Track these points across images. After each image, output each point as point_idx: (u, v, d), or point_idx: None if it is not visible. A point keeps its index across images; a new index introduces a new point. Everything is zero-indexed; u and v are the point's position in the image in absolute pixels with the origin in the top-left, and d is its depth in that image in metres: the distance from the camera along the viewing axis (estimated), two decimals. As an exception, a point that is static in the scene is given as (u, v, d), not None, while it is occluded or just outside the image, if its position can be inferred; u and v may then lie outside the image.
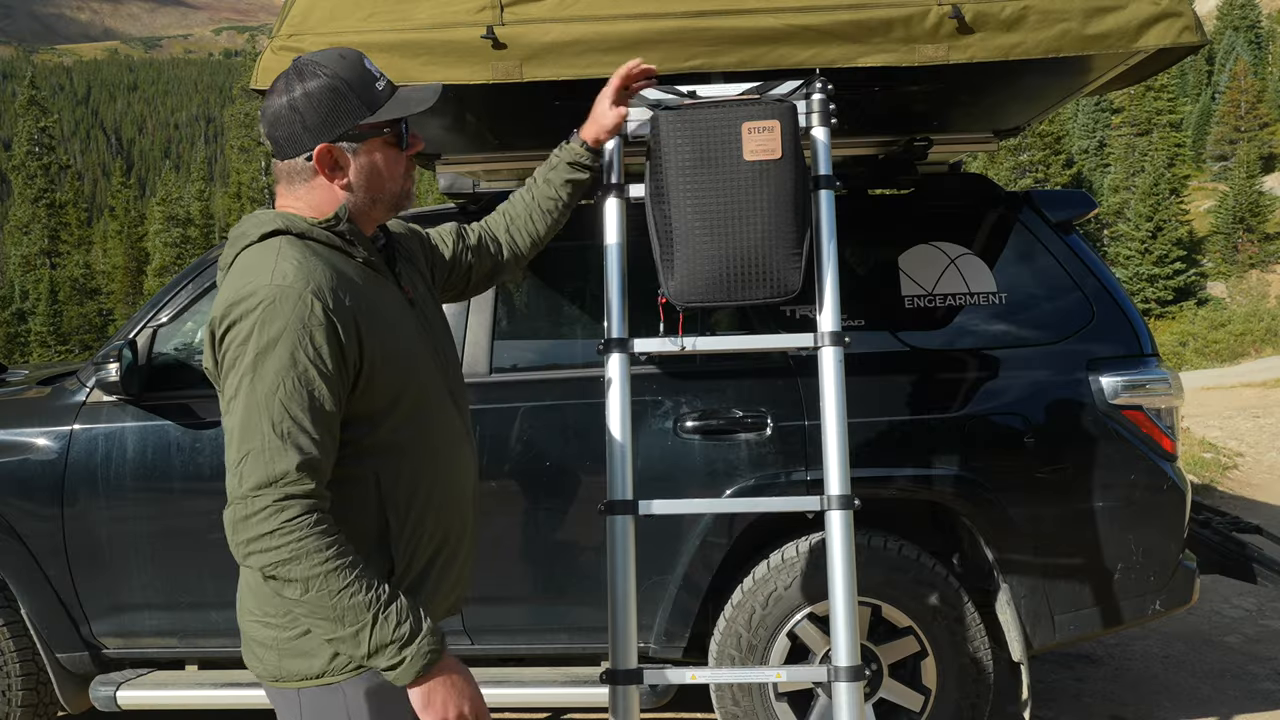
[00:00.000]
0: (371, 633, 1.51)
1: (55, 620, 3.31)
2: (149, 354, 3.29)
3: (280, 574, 1.50)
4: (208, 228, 46.48)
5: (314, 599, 1.50)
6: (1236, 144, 49.50)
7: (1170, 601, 3.15)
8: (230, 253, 1.67)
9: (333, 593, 1.49)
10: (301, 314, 1.52)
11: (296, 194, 1.71)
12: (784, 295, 2.23)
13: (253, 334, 1.52)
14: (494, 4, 2.32)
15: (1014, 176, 39.52)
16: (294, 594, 1.51)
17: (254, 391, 1.52)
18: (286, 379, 1.51)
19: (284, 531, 1.49)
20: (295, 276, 1.55)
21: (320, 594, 1.49)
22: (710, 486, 3.07)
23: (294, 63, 1.68)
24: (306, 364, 1.52)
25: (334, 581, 1.49)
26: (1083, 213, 3.40)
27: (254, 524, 1.50)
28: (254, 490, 1.50)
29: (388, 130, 1.70)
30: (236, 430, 1.54)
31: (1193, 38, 2.35)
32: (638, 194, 2.35)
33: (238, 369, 1.53)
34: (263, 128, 1.71)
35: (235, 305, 1.55)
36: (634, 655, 2.26)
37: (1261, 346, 26.66)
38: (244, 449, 1.52)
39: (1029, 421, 3.10)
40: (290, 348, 1.51)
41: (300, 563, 1.48)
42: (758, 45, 2.32)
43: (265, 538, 1.49)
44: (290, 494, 1.50)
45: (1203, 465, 8.44)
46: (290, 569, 1.49)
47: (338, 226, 1.67)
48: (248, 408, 1.52)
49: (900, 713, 3.11)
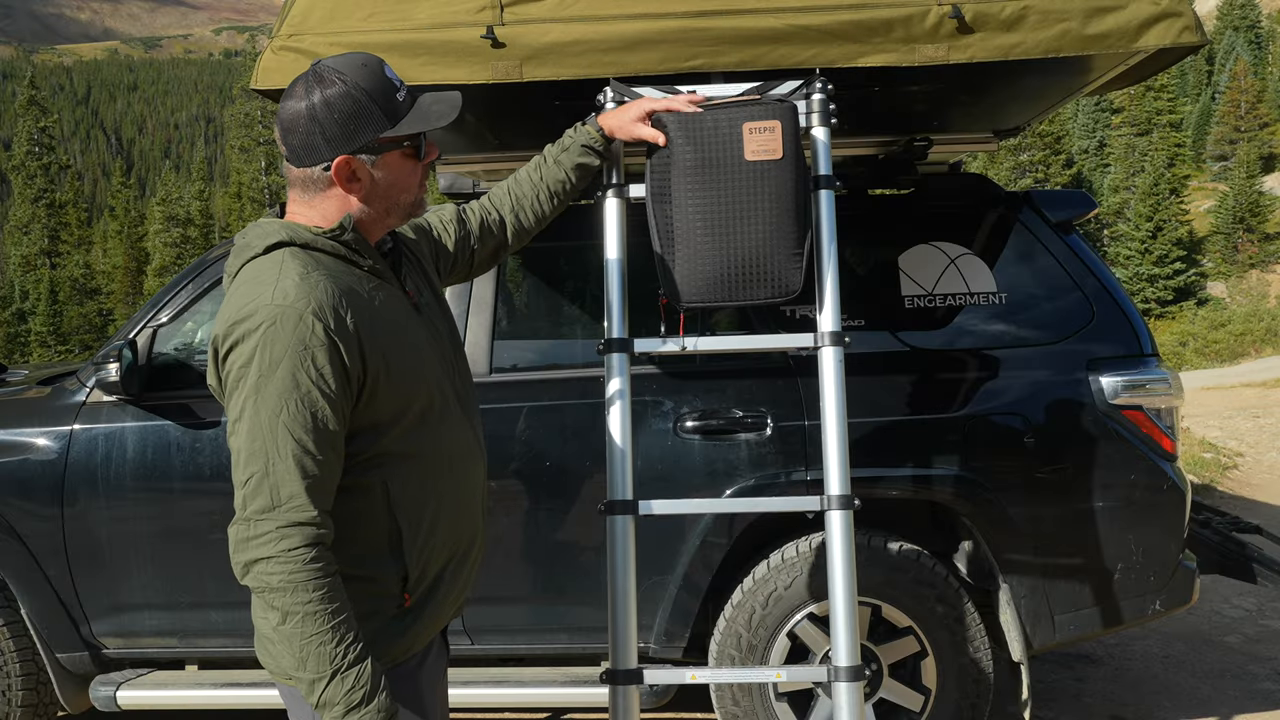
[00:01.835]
0: (326, 686, 1.51)
1: (55, 620, 3.31)
2: (149, 354, 3.29)
3: (266, 598, 1.52)
4: (208, 228, 46.47)
5: (287, 632, 1.51)
6: (1236, 144, 49.48)
7: (1170, 601, 3.15)
8: (235, 263, 1.66)
9: (305, 635, 1.50)
10: (303, 335, 1.52)
11: (310, 202, 1.69)
12: (785, 295, 2.23)
13: (255, 356, 1.52)
14: (494, 4, 2.31)
15: (1014, 176, 39.52)
16: (273, 620, 1.53)
17: (258, 414, 1.52)
18: (289, 402, 1.51)
19: (281, 560, 1.50)
20: (296, 295, 1.53)
21: (294, 631, 1.51)
22: (710, 486, 3.07)
23: (313, 67, 1.66)
24: (309, 385, 1.52)
25: (309, 625, 1.50)
26: (1083, 213, 3.40)
27: (254, 547, 1.51)
28: (258, 514, 1.51)
29: (407, 143, 1.69)
30: (242, 453, 1.54)
31: (1193, 38, 2.35)
32: (638, 194, 2.35)
33: (241, 390, 1.54)
34: (277, 131, 1.69)
35: (237, 325, 1.55)
36: (634, 655, 2.26)
37: (1261, 346, 26.67)
38: (248, 472, 1.53)
39: (1029, 421, 3.10)
40: (292, 370, 1.51)
41: (286, 595, 1.50)
42: (758, 45, 2.32)
43: (263, 562, 1.51)
44: (294, 521, 1.51)
45: (1203, 465, 8.44)
46: (276, 598, 1.51)
47: (342, 236, 1.65)
48: (251, 431, 1.52)
49: (900, 713, 3.12)
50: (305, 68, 2.04)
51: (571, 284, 3.51)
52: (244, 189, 46.10)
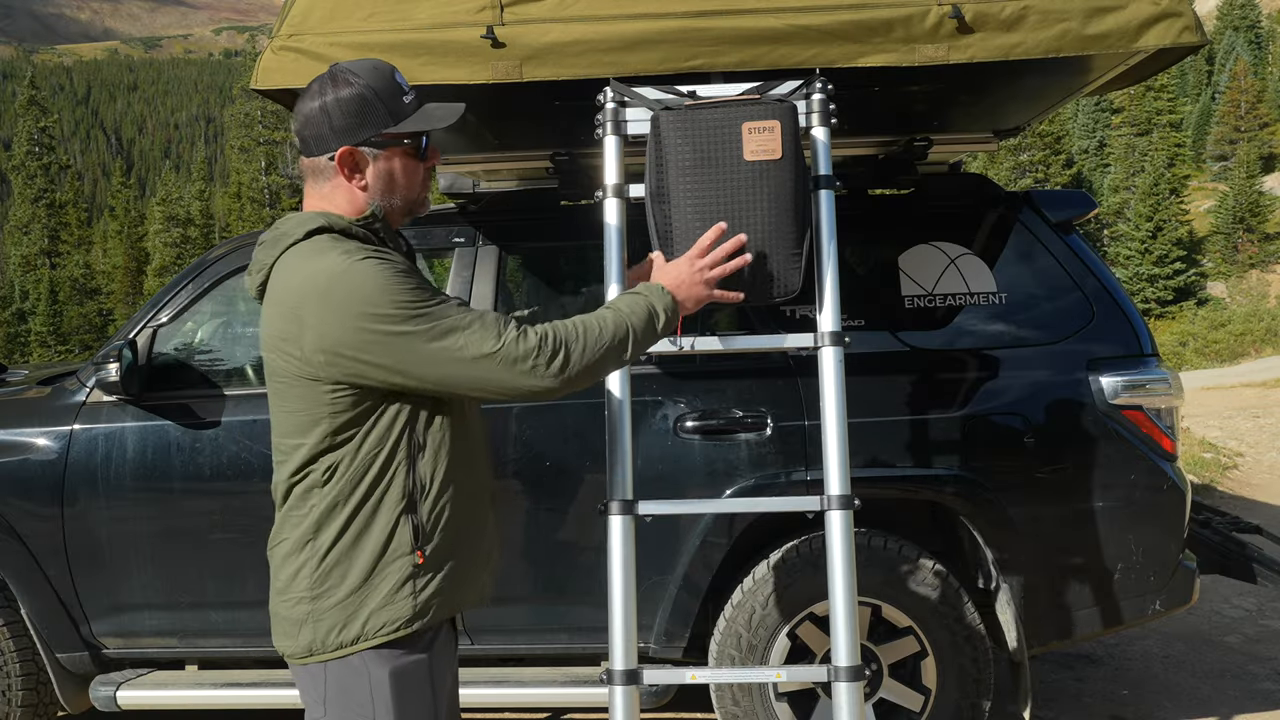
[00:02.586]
0: (637, 327, 1.83)
1: (55, 620, 3.31)
2: (149, 354, 3.29)
3: (574, 366, 1.73)
4: (208, 228, 46.46)
5: (597, 352, 1.76)
6: (1236, 144, 49.48)
7: (1170, 601, 3.15)
8: (272, 252, 1.76)
9: (598, 338, 1.77)
10: (380, 268, 1.67)
11: (322, 192, 1.81)
12: (785, 295, 2.23)
13: (371, 291, 1.64)
14: (494, 4, 2.31)
15: (1014, 176, 39.51)
16: (588, 362, 1.76)
17: (416, 316, 1.66)
18: (422, 293, 1.67)
19: (542, 340, 1.71)
20: (355, 258, 1.67)
21: (596, 347, 1.77)
22: (710, 486, 3.07)
23: (330, 69, 1.80)
24: (411, 290, 1.67)
25: (591, 337, 1.77)
26: (1083, 213, 3.40)
27: (532, 360, 1.70)
28: (505, 341, 1.69)
29: (408, 141, 1.80)
30: (441, 347, 1.66)
31: (1193, 38, 2.35)
32: (638, 194, 2.35)
33: (382, 322, 1.64)
34: (294, 126, 1.82)
35: (314, 279, 1.66)
36: (634, 655, 2.26)
37: (1261, 346, 26.67)
38: (464, 336, 1.67)
39: (1029, 421, 3.10)
40: (404, 282, 1.66)
41: (573, 348, 1.73)
42: (758, 45, 2.32)
43: (542, 357, 1.70)
44: (520, 327, 1.72)
45: (1203, 465, 8.45)
46: (575, 358, 1.73)
47: (374, 224, 1.78)
48: (429, 329, 1.66)
49: (900, 713, 3.11)
50: (305, 67, 2.20)
51: (571, 284, 3.51)
52: (244, 189, 46.00)
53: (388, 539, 1.74)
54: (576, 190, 3.47)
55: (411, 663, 1.76)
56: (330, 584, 1.73)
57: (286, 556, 1.78)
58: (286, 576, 1.78)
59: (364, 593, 1.73)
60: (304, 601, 1.75)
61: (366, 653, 1.73)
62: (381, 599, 1.73)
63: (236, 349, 3.50)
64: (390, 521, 1.74)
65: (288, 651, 1.78)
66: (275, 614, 1.81)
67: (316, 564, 1.74)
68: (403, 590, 1.74)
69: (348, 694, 1.74)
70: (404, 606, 1.74)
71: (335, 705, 1.75)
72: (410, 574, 1.75)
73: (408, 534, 1.75)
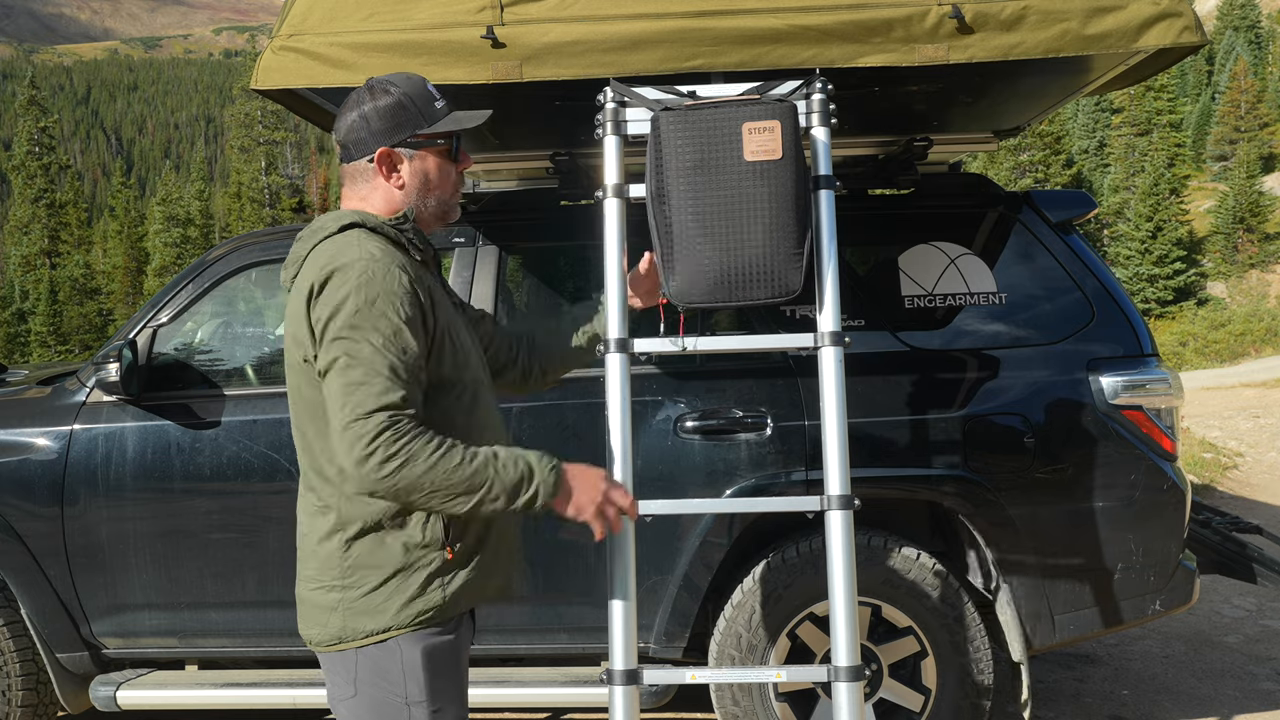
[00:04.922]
0: (497, 485, 1.76)
1: (55, 620, 3.31)
2: (149, 354, 3.29)
3: (404, 476, 1.68)
4: (208, 228, 46.45)
5: (439, 481, 1.70)
6: (1236, 144, 49.43)
7: (1170, 601, 3.15)
8: (306, 246, 1.85)
9: (449, 471, 1.71)
10: (392, 282, 1.74)
11: (360, 194, 1.92)
12: (785, 296, 2.23)
13: (351, 293, 1.72)
14: (494, 4, 2.32)
15: (1014, 176, 39.47)
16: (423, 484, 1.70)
17: (355, 342, 1.71)
18: (385, 331, 1.72)
19: (393, 440, 1.68)
20: (383, 255, 1.77)
21: (443, 476, 1.71)
22: (710, 486, 3.07)
23: (367, 82, 1.92)
24: (400, 324, 1.73)
25: (444, 466, 1.71)
26: (1083, 213, 3.40)
27: (367, 444, 1.67)
28: (365, 415, 1.68)
29: (441, 142, 1.92)
30: (338, 375, 1.71)
31: (1193, 38, 2.35)
32: (638, 194, 2.35)
33: (337, 320, 1.72)
34: (335, 138, 1.94)
35: (333, 268, 1.74)
36: (634, 655, 2.26)
37: (1261, 346, 26.67)
38: (350, 388, 1.69)
39: (1029, 421, 3.10)
40: (385, 309, 1.72)
41: (416, 463, 1.69)
42: (758, 45, 2.32)
43: (380, 449, 1.67)
44: (396, 417, 1.70)
45: (1203, 465, 8.45)
46: (410, 469, 1.68)
47: (404, 225, 1.87)
48: (351, 355, 1.70)
49: (900, 713, 3.12)
50: (305, 67, 2.31)
51: (571, 284, 3.51)
52: (244, 189, 45.97)
53: (421, 533, 1.80)
54: (576, 190, 3.47)
55: (442, 643, 1.84)
56: (361, 574, 1.80)
57: (318, 543, 1.83)
58: (317, 564, 1.84)
59: (395, 584, 1.79)
60: (335, 590, 1.81)
61: (399, 635, 1.80)
62: (413, 592, 1.80)
63: (236, 349, 3.51)
64: (424, 516, 1.80)
65: (316, 639, 1.85)
66: (304, 600, 1.87)
67: (347, 553, 1.80)
68: (433, 584, 1.81)
69: (380, 674, 1.80)
70: (434, 597, 1.81)
71: (367, 685, 1.81)
72: (440, 568, 1.82)
73: (439, 529, 1.81)
